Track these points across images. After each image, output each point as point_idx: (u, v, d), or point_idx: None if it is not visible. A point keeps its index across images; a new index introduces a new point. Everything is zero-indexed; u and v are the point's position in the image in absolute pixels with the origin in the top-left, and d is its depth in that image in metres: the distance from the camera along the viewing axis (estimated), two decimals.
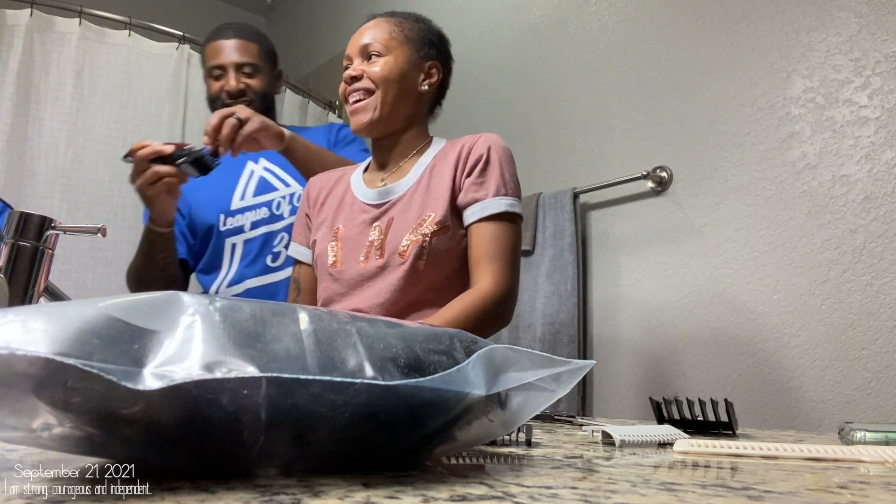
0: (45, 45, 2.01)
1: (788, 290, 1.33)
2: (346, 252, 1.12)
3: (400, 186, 1.13)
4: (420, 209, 1.08)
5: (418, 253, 1.04)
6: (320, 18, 3.13)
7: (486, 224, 1.05)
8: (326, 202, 1.22)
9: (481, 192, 1.07)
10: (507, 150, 1.12)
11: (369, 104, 1.11)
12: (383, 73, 1.11)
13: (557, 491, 0.33)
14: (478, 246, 1.05)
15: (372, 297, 1.07)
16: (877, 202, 1.23)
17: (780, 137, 1.38)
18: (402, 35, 1.15)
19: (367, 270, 1.08)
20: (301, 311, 0.35)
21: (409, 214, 1.09)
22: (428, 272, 1.05)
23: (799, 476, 0.40)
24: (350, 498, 0.29)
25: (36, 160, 1.97)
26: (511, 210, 1.06)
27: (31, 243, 0.86)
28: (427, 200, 1.09)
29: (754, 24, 1.45)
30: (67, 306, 0.30)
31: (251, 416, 0.30)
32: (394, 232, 1.08)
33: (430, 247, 1.04)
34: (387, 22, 1.16)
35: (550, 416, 0.82)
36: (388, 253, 1.06)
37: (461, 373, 0.35)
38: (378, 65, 1.12)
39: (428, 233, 1.05)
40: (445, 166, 1.11)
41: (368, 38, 1.14)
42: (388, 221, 1.10)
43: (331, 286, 1.12)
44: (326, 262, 1.13)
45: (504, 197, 1.07)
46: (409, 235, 1.06)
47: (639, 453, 0.52)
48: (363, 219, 1.13)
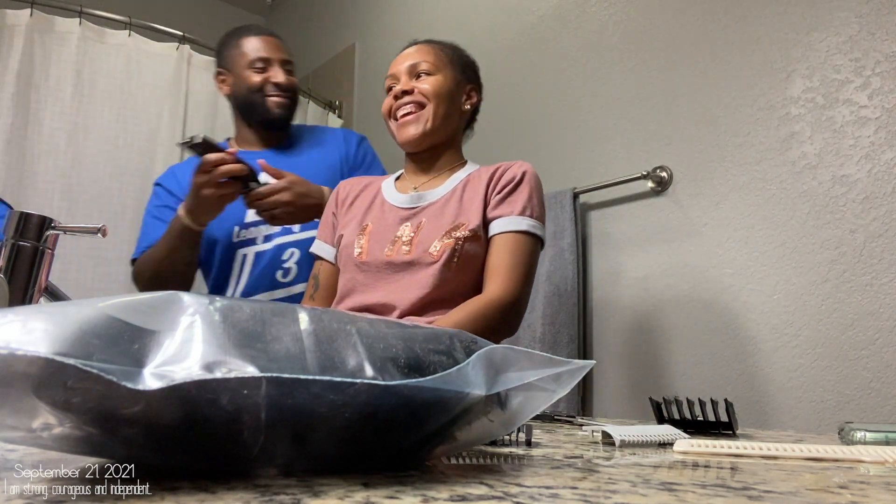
0: (45, 44, 2.01)
1: (788, 289, 1.33)
2: (372, 244, 1.14)
3: (433, 194, 1.17)
4: (454, 216, 1.12)
5: (451, 255, 1.07)
6: (320, 19, 3.13)
7: (507, 237, 1.09)
8: (356, 203, 1.25)
9: (507, 208, 1.11)
10: (538, 179, 1.18)
11: (421, 117, 1.16)
12: (435, 89, 1.17)
13: (557, 491, 0.33)
14: (494, 256, 1.09)
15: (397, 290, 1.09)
16: (877, 202, 1.23)
17: (780, 137, 1.38)
18: (446, 58, 1.21)
19: (393, 262, 1.10)
20: (301, 311, 0.35)
21: (441, 220, 1.12)
22: (457, 275, 1.08)
23: (799, 476, 0.40)
24: (350, 498, 0.29)
25: (36, 160, 1.97)
26: (532, 231, 1.11)
27: (30, 243, 0.86)
28: (460, 210, 1.13)
29: (754, 24, 1.45)
30: (67, 306, 0.30)
31: (251, 416, 0.30)
32: (425, 233, 1.11)
33: (462, 251, 1.08)
34: (430, 46, 1.23)
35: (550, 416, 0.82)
36: (417, 250, 1.08)
37: (461, 373, 0.35)
38: (428, 82, 1.17)
39: (461, 237, 1.08)
40: (480, 184, 1.15)
41: (416, 59, 1.19)
42: (419, 223, 1.13)
43: (355, 276, 1.15)
44: (352, 254, 1.15)
45: (528, 217, 1.11)
46: (442, 239, 1.09)
47: (639, 453, 0.52)
48: (393, 217, 1.17)
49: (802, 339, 1.30)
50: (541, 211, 1.14)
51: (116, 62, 2.12)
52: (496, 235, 1.10)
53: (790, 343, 1.31)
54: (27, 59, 1.97)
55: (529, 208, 1.12)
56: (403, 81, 1.19)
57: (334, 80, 2.89)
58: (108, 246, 2.02)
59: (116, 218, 2.08)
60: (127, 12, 2.20)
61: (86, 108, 2.05)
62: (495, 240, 1.10)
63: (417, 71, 1.19)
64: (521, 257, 1.08)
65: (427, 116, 1.16)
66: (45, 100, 2.00)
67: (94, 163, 2.06)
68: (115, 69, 2.12)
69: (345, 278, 1.17)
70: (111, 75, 2.11)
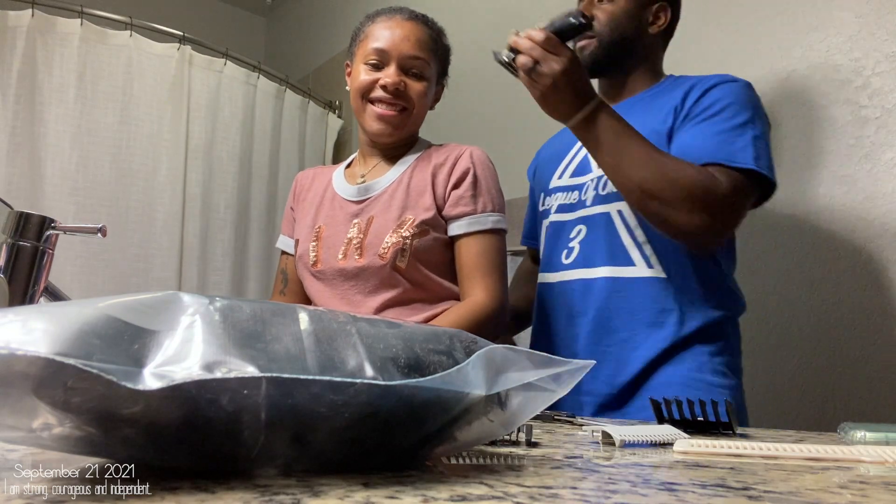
0: (46, 46, 2.01)
1: (788, 289, 1.33)
2: (325, 251, 1.15)
3: (380, 184, 1.16)
4: (400, 209, 1.11)
5: (397, 254, 1.07)
6: (320, 18, 3.13)
7: (475, 238, 1.10)
8: (308, 197, 1.25)
9: (470, 206, 1.11)
10: (492, 167, 1.17)
11: (403, 121, 1.14)
12: (420, 96, 1.14)
13: (557, 491, 0.33)
14: (467, 259, 1.09)
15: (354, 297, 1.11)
16: (877, 202, 1.23)
17: (780, 137, 1.38)
18: (434, 56, 1.17)
19: (346, 269, 1.10)
20: (301, 311, 0.35)
21: (389, 214, 1.12)
22: (409, 273, 1.08)
23: (799, 476, 0.40)
24: (350, 498, 0.29)
25: (43, 163, 1.97)
26: (497, 227, 1.12)
27: (31, 243, 0.86)
28: (407, 201, 1.12)
29: (754, 24, 1.45)
30: (67, 306, 0.30)
31: (251, 416, 0.30)
32: (374, 231, 1.11)
33: (411, 248, 1.08)
34: (427, 35, 1.16)
35: (550, 416, 0.82)
36: (368, 254, 1.09)
37: (461, 373, 0.35)
38: (419, 87, 1.14)
39: (408, 235, 1.08)
40: (428, 170, 1.14)
41: (412, 51, 1.13)
42: (369, 219, 1.13)
43: (313, 284, 1.16)
44: (308, 263, 1.16)
45: (492, 213, 1.11)
46: (390, 236, 1.08)
47: (639, 453, 0.52)
48: (343, 215, 1.16)
49: (802, 338, 1.30)
50: (499, 199, 1.14)
51: (118, 63, 2.13)
52: (463, 237, 1.10)
53: (790, 343, 1.31)
54: (29, 61, 1.98)
55: (490, 203, 1.12)
56: (394, 73, 1.12)
57: (334, 80, 2.89)
58: (111, 247, 2.02)
59: (122, 219, 2.08)
60: (128, 13, 2.20)
61: (89, 110, 2.06)
62: (463, 242, 1.10)
63: (411, 68, 1.13)
64: (494, 257, 1.10)
65: (408, 121, 1.15)
66: (48, 102, 2.00)
67: (99, 164, 2.06)
68: (117, 70, 2.12)
69: (305, 285, 1.19)
70: (113, 76, 2.11)
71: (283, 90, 2.59)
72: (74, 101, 2.03)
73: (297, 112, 2.65)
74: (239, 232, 2.39)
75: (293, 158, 2.61)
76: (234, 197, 2.37)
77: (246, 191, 2.43)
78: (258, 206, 2.47)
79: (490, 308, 1.06)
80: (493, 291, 1.07)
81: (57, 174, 1.98)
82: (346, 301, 1.11)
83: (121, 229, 2.06)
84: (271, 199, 2.52)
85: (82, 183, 2.02)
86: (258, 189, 2.48)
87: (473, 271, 1.08)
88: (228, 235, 2.35)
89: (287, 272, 1.26)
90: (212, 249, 2.30)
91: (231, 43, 2.53)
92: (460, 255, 1.10)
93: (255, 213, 2.46)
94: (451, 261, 1.13)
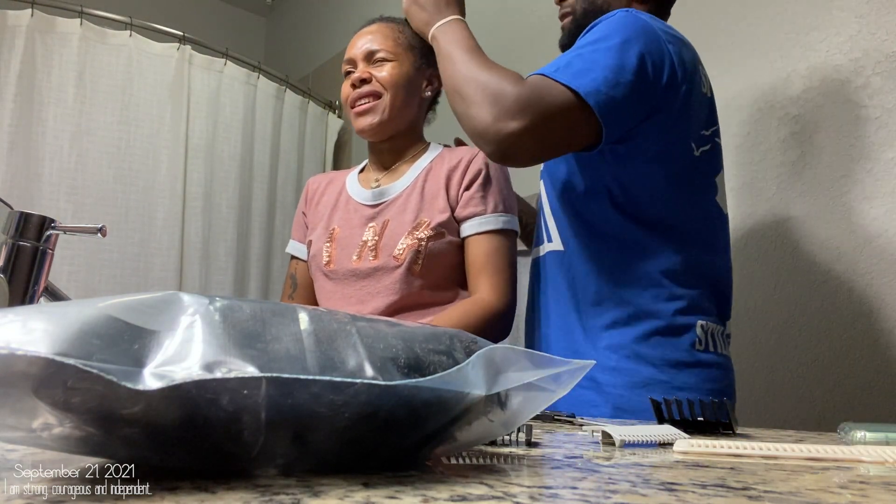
0: (46, 45, 2.01)
1: (788, 289, 1.33)
2: (339, 252, 1.15)
3: (395, 188, 1.16)
4: (416, 212, 1.11)
5: (414, 257, 1.08)
6: (320, 18, 3.13)
7: (485, 237, 1.10)
8: (321, 202, 1.24)
9: (480, 207, 1.11)
10: (504, 169, 1.16)
11: (377, 107, 1.13)
12: (392, 78, 1.13)
13: (557, 491, 0.33)
14: (477, 258, 1.09)
15: (364, 298, 1.10)
16: (877, 202, 1.23)
17: (780, 137, 1.38)
18: (406, 41, 1.16)
19: (360, 270, 1.10)
20: (301, 311, 0.35)
21: (405, 217, 1.11)
22: (423, 275, 1.09)
23: (799, 476, 0.40)
24: (350, 498, 0.29)
25: (41, 162, 1.97)
26: (508, 227, 1.12)
27: (31, 243, 0.86)
28: (422, 205, 1.12)
29: (754, 24, 1.45)
30: (67, 306, 0.30)
31: (251, 416, 0.30)
32: (389, 234, 1.10)
33: (426, 251, 1.08)
34: (389, 28, 1.17)
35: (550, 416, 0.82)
36: (383, 255, 1.09)
37: (461, 373, 0.35)
38: (386, 69, 1.13)
39: (424, 237, 1.08)
40: (442, 173, 1.14)
41: (374, 44, 1.15)
42: (384, 223, 1.13)
43: (325, 285, 1.16)
44: (321, 263, 1.16)
45: (502, 214, 1.12)
46: (405, 239, 1.08)
47: (639, 453, 0.52)
48: (358, 218, 1.16)
49: (802, 338, 1.30)
50: (510, 199, 1.14)
51: (118, 63, 2.13)
52: (473, 237, 1.10)
53: (790, 343, 1.31)
54: (29, 60, 1.98)
55: (501, 203, 1.12)
56: (360, 69, 1.14)
57: (334, 80, 2.89)
58: (112, 247, 2.02)
59: (121, 219, 2.08)
60: (127, 13, 2.20)
61: (88, 110, 2.06)
62: (473, 240, 1.10)
63: (375, 57, 1.14)
64: (503, 256, 1.10)
65: (383, 106, 1.13)
66: (47, 101, 2.00)
67: (98, 164, 2.07)
68: (117, 70, 2.12)
69: (316, 286, 1.19)
70: (113, 76, 2.11)
71: (283, 90, 2.60)
72: (74, 101, 2.03)
73: (297, 112, 2.65)
74: (241, 231, 2.39)
75: (293, 158, 2.61)
76: (236, 197, 2.37)
77: (248, 191, 2.43)
78: (259, 206, 2.47)
79: (496, 307, 1.06)
80: (500, 291, 1.07)
81: (55, 174, 1.99)
82: (357, 301, 1.11)
83: (120, 229, 2.06)
84: (271, 199, 2.52)
85: (81, 182, 2.02)
86: (259, 189, 2.48)
87: (482, 270, 1.09)
88: (231, 235, 2.35)
89: (296, 277, 1.26)
90: (215, 249, 2.30)
91: (231, 43, 2.54)
92: (469, 254, 1.11)
93: (257, 212, 2.46)
94: (463, 264, 1.12)
